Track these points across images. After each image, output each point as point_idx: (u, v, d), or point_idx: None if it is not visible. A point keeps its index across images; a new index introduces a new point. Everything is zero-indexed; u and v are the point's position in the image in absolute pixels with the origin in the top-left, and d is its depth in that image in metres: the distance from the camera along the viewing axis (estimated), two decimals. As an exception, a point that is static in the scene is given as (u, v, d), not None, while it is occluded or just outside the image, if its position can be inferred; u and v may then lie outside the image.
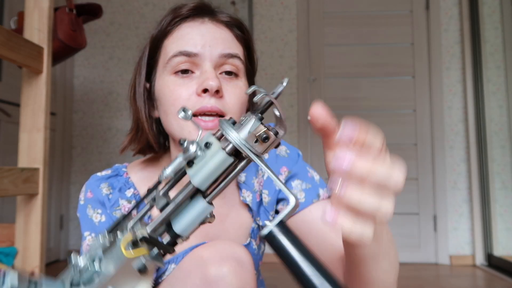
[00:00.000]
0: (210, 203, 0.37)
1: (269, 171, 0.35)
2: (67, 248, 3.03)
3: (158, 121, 0.71)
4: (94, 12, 1.60)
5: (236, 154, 0.36)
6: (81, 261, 0.37)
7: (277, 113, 0.36)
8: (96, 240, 0.38)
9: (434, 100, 2.94)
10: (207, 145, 0.36)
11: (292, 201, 0.35)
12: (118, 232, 0.38)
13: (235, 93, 0.65)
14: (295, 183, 0.73)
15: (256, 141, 0.35)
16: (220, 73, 0.65)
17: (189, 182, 0.36)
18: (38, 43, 1.24)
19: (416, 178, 2.92)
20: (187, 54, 0.63)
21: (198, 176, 0.35)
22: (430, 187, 2.91)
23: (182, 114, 0.36)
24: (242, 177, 0.75)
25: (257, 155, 0.35)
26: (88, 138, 3.11)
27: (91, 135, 3.11)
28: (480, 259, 2.78)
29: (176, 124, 0.64)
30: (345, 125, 0.38)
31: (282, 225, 0.35)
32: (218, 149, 0.35)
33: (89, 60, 3.14)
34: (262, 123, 0.36)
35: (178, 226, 0.37)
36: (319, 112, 0.40)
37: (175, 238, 0.37)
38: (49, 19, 1.27)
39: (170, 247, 0.38)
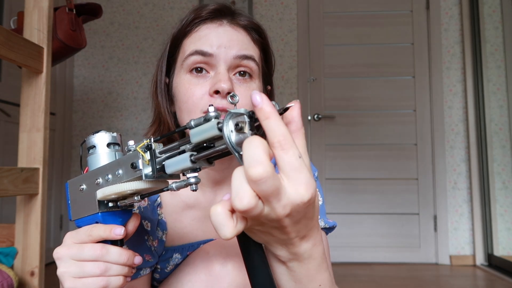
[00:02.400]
0: (194, 161, 0.42)
1: (234, 152, 0.39)
2: (67, 248, 3.03)
3: (175, 115, 0.73)
4: (94, 12, 1.60)
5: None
6: (130, 144, 0.48)
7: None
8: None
9: (434, 100, 2.94)
10: (208, 119, 0.43)
11: None
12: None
13: (246, 95, 0.66)
14: None
15: (235, 127, 0.39)
16: (234, 74, 0.67)
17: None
18: (38, 43, 1.24)
19: (416, 178, 2.92)
20: (203, 54, 0.65)
21: (195, 130, 0.42)
22: (430, 187, 2.91)
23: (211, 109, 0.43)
24: None
25: (231, 144, 0.39)
26: (88, 138, 3.10)
27: (91, 135, 3.10)
28: (480, 259, 2.78)
29: (189, 119, 0.66)
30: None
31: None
32: (216, 121, 0.40)
33: (89, 60, 3.14)
34: (249, 117, 0.40)
35: (168, 161, 0.45)
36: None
37: (163, 169, 0.45)
38: (49, 19, 1.26)
39: (155, 169, 0.45)
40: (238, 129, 0.38)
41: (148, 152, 0.45)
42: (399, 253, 2.88)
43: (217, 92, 0.63)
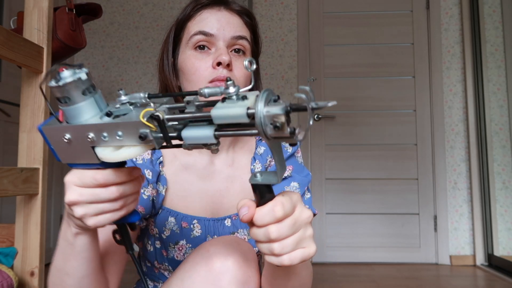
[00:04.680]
0: (216, 137, 0.42)
1: (269, 147, 0.43)
2: (67, 248, 3.03)
3: (179, 89, 0.84)
4: (94, 12, 1.59)
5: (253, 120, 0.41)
6: (122, 98, 0.47)
7: (310, 122, 0.40)
8: (137, 94, 0.47)
9: (434, 100, 2.94)
10: (243, 97, 0.42)
11: (282, 174, 0.46)
12: (152, 104, 0.46)
13: (242, 67, 0.78)
14: (293, 184, 0.83)
15: (271, 124, 0.39)
16: (231, 51, 0.79)
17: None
18: (38, 43, 1.23)
19: (416, 178, 2.92)
20: (205, 34, 0.77)
21: (219, 111, 0.41)
22: (430, 187, 2.91)
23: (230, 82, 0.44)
24: (261, 149, 0.86)
25: (266, 135, 0.40)
26: (88, 138, 3.10)
27: (91, 135, 3.10)
28: (480, 259, 2.78)
29: (196, 88, 0.77)
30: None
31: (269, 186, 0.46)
32: (244, 106, 0.40)
33: (89, 60, 3.14)
34: (286, 115, 0.39)
35: (186, 132, 0.43)
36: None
37: (179, 137, 0.44)
38: (49, 19, 1.26)
39: (169, 139, 0.45)
40: (276, 126, 0.39)
41: (156, 122, 0.43)
42: (399, 253, 2.88)
43: (219, 64, 0.75)
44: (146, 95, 0.46)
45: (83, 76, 0.46)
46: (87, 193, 0.49)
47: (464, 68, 2.91)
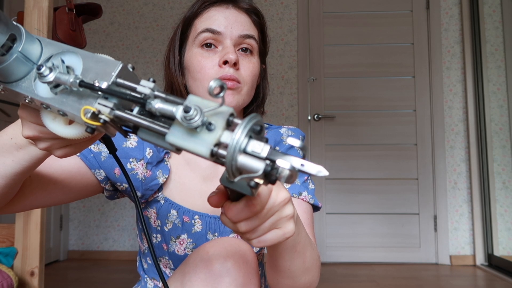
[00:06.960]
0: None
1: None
2: (66, 248, 3.03)
3: (185, 87, 0.83)
4: (93, 12, 1.60)
5: (217, 157, 0.34)
6: (47, 77, 0.37)
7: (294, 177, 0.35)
8: (65, 77, 0.37)
9: (434, 100, 2.94)
10: (209, 126, 0.33)
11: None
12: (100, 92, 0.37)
13: (249, 67, 0.78)
14: None
15: (241, 175, 0.34)
16: (238, 50, 0.78)
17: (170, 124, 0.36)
18: (38, 43, 1.23)
19: (416, 178, 2.92)
20: (212, 31, 0.77)
21: (175, 140, 0.34)
22: (430, 187, 2.91)
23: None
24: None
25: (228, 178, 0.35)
26: (88, 138, 3.10)
27: (91, 135, 3.10)
28: (480, 259, 2.78)
29: (201, 86, 0.76)
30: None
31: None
32: (209, 143, 0.33)
33: (89, 60, 3.14)
34: (268, 173, 0.33)
35: (142, 134, 0.37)
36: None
37: (134, 133, 0.38)
38: (49, 19, 1.26)
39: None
40: (250, 185, 0.36)
41: (104, 119, 0.37)
42: (399, 253, 2.88)
43: (225, 62, 0.75)
44: (78, 82, 0.36)
45: None
46: (48, 131, 0.44)
47: (464, 68, 2.91)
